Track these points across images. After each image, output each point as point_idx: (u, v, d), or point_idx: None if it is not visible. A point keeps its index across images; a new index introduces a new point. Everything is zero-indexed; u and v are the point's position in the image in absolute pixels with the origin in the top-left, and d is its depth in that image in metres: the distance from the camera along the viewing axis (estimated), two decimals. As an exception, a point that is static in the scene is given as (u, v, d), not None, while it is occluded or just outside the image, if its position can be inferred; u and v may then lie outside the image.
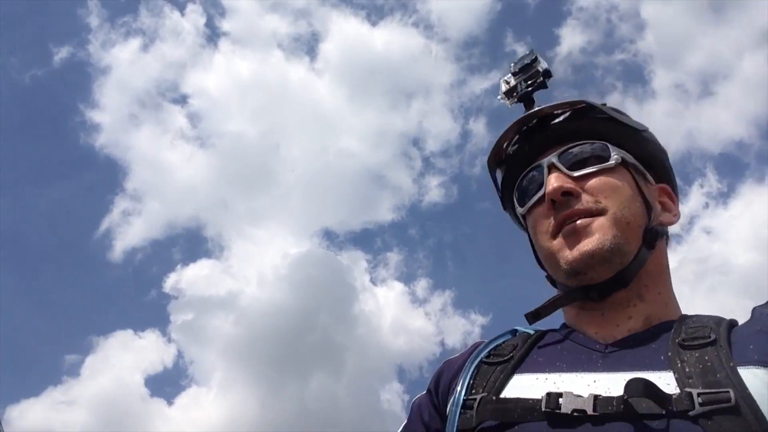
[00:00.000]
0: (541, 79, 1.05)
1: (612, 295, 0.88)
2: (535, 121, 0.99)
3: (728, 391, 0.70)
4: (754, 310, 0.85)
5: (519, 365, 0.89)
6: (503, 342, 0.96)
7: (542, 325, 0.98)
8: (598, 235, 0.86)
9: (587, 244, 0.86)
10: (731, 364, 0.74)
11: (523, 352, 0.91)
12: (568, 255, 0.87)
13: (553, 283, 0.97)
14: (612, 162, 0.92)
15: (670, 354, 0.78)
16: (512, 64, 1.09)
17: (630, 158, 0.95)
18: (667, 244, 0.98)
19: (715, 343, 0.77)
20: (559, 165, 0.93)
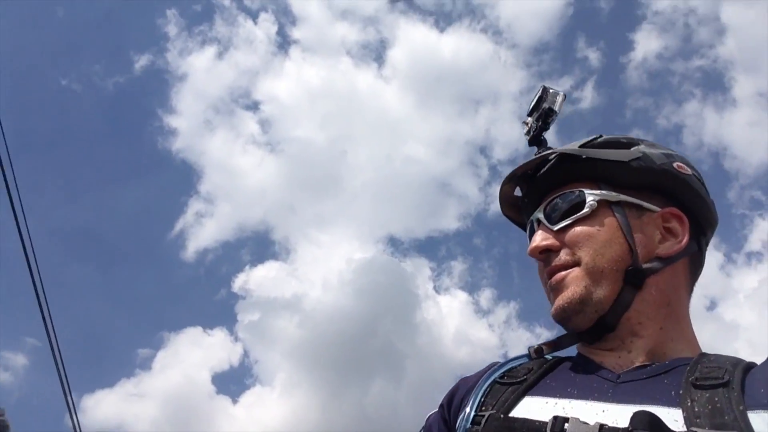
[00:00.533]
0: (546, 121, 1.06)
1: (603, 337, 0.90)
2: (529, 171, 1.01)
3: None
4: None
5: (531, 388, 0.89)
6: (519, 364, 0.96)
7: (561, 352, 0.97)
8: (570, 289, 0.90)
9: (561, 299, 0.91)
10: (741, 408, 0.72)
11: (537, 376, 0.91)
12: (552, 308, 0.93)
13: None
14: (586, 210, 0.92)
15: (681, 392, 0.77)
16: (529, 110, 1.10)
17: (613, 196, 0.92)
18: (695, 265, 0.96)
19: (728, 384, 0.76)
20: (543, 220, 0.96)
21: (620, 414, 0.78)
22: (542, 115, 1.06)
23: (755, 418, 0.71)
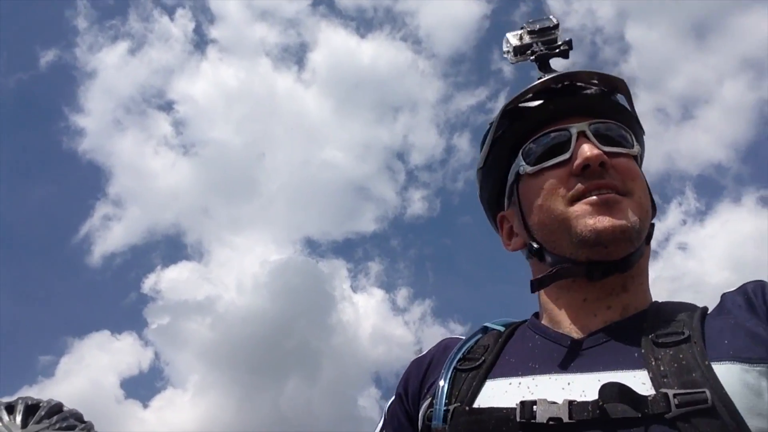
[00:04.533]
0: (565, 47, 1.01)
1: (608, 277, 0.86)
2: (560, 85, 0.95)
3: (704, 392, 0.68)
4: (724, 296, 0.84)
5: (490, 369, 0.86)
6: (475, 342, 0.93)
7: (514, 318, 0.96)
8: (628, 214, 0.84)
9: (621, 219, 0.83)
10: (706, 362, 0.72)
11: (494, 355, 0.88)
12: (597, 223, 0.83)
13: (539, 253, 0.91)
14: (635, 149, 0.92)
15: (644, 351, 0.76)
16: (528, 22, 1.04)
17: (641, 153, 0.96)
18: None
19: (689, 339, 0.75)
20: (590, 135, 0.89)
21: (586, 384, 0.76)
22: (553, 41, 1.01)
23: (721, 369, 0.71)
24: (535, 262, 0.94)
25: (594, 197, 0.84)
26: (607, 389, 0.71)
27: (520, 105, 0.95)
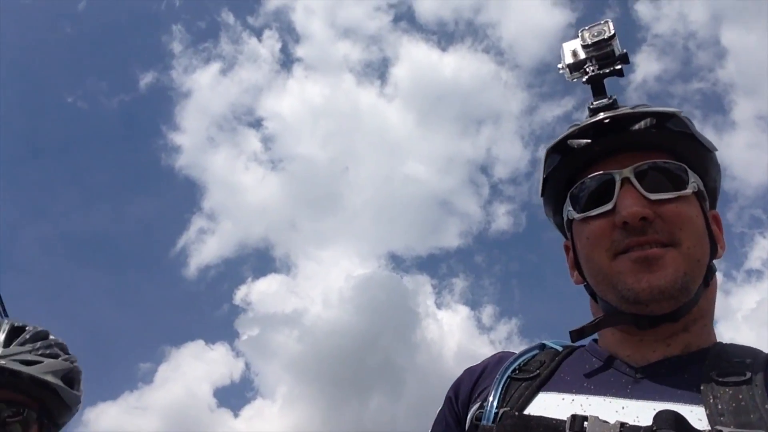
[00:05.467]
0: (619, 66, 0.97)
1: (659, 326, 0.85)
2: (609, 119, 0.90)
3: None
4: None
5: (545, 383, 0.87)
6: (531, 357, 0.94)
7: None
8: (671, 271, 0.82)
9: (660, 278, 0.81)
10: (766, 407, 0.71)
11: (550, 370, 0.89)
12: (635, 284, 0.82)
13: (593, 294, 0.93)
14: (689, 190, 0.87)
15: (703, 388, 0.76)
16: (584, 31, 1.00)
17: (702, 186, 0.90)
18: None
19: (751, 382, 0.75)
20: (635, 183, 0.86)
21: (641, 411, 0.76)
22: (608, 56, 0.97)
23: None
24: (592, 301, 0.94)
25: (634, 254, 0.83)
26: (662, 416, 0.71)
27: (568, 142, 0.92)
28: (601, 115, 0.91)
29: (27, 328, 1.26)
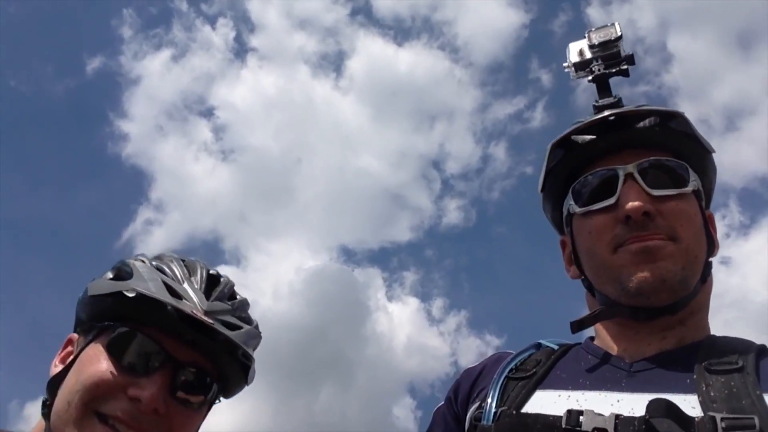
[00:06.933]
0: (624, 66, 0.99)
1: (657, 319, 0.87)
2: (614, 117, 0.92)
3: (753, 418, 0.70)
4: None
5: (541, 381, 0.89)
6: (528, 356, 0.96)
7: (567, 339, 0.98)
8: (669, 264, 0.84)
9: (660, 269, 0.84)
10: (758, 392, 0.73)
11: (546, 368, 0.90)
12: (637, 275, 0.84)
13: (590, 287, 0.94)
14: (689, 188, 0.89)
15: (695, 377, 0.78)
16: (590, 32, 1.02)
17: (701, 186, 0.92)
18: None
19: (742, 370, 0.77)
20: (638, 179, 0.88)
21: (635, 403, 0.78)
22: (614, 56, 0.99)
23: None
24: (588, 295, 0.96)
25: (634, 245, 0.85)
26: (654, 404, 0.73)
27: (573, 138, 0.95)
28: (606, 113, 0.93)
29: (221, 279, 0.99)
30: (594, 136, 0.93)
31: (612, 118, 0.92)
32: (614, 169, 0.90)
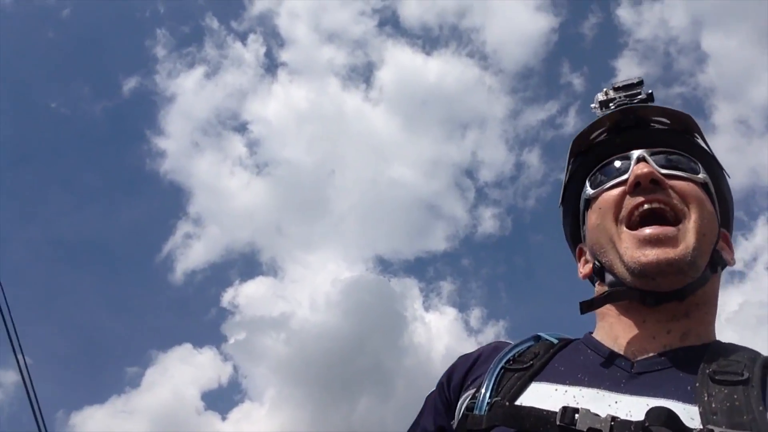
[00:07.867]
0: (644, 96, 1.02)
1: (665, 304, 0.85)
2: (632, 118, 0.96)
3: None
4: None
5: (538, 373, 0.87)
6: (526, 348, 0.94)
7: (568, 333, 0.96)
8: (682, 245, 0.83)
9: (670, 252, 0.82)
10: (761, 408, 0.70)
11: (543, 361, 0.89)
12: (644, 256, 0.83)
13: (600, 273, 0.92)
14: (701, 176, 0.91)
15: (698, 385, 0.75)
16: (615, 82, 1.06)
17: (713, 186, 0.93)
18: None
19: (747, 382, 0.74)
20: (649, 159, 0.89)
21: (634, 406, 0.75)
22: (635, 95, 1.02)
23: None
24: (597, 287, 0.95)
25: (643, 232, 0.84)
26: (654, 412, 0.71)
27: (590, 141, 0.97)
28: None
29: None
30: (611, 135, 0.96)
31: (626, 122, 0.96)
32: (628, 155, 0.92)
